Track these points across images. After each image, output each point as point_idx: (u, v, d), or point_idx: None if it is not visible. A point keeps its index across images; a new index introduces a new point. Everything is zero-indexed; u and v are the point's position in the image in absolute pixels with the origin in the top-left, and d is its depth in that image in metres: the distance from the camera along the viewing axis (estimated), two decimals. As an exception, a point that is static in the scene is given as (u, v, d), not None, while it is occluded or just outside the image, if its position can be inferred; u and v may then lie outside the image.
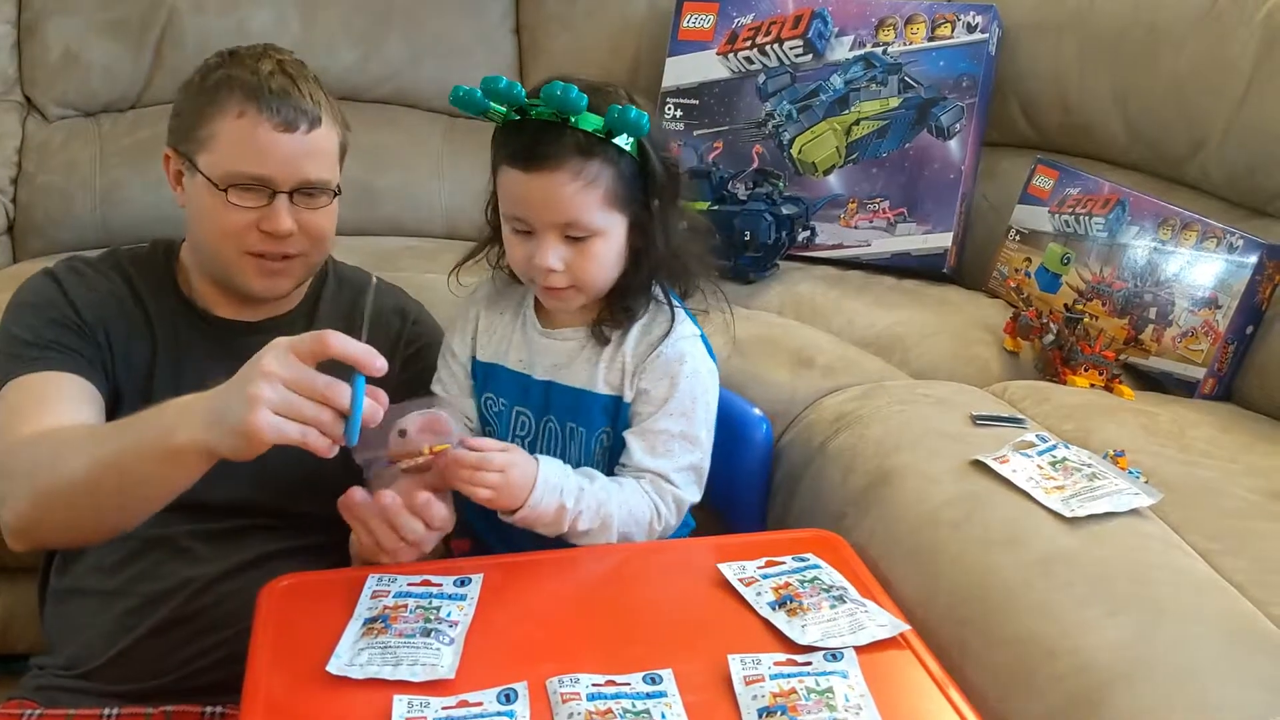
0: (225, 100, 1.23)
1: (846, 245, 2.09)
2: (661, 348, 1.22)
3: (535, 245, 1.17)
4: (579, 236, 1.16)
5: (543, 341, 1.26)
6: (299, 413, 0.95)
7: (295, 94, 1.24)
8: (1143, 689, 0.95)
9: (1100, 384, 1.63)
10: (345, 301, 1.41)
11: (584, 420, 1.24)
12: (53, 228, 2.07)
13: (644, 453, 1.21)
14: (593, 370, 1.24)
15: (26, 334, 1.23)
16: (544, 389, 1.25)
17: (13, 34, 2.14)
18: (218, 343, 1.31)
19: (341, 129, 1.30)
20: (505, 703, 0.92)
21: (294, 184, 1.24)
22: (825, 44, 2.12)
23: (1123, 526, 1.15)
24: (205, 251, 1.29)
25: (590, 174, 1.14)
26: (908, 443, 1.36)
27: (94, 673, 1.22)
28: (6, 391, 1.20)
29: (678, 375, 1.22)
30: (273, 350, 0.97)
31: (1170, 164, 1.91)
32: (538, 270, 1.18)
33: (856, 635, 1.01)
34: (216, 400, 0.99)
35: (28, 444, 1.12)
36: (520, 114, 1.15)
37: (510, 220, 1.19)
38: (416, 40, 2.29)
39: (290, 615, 1.06)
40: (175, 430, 1.00)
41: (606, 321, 1.24)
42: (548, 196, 1.14)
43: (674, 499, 1.22)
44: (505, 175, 1.17)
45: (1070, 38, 2.04)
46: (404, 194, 2.20)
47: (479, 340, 1.29)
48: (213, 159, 1.24)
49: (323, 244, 1.31)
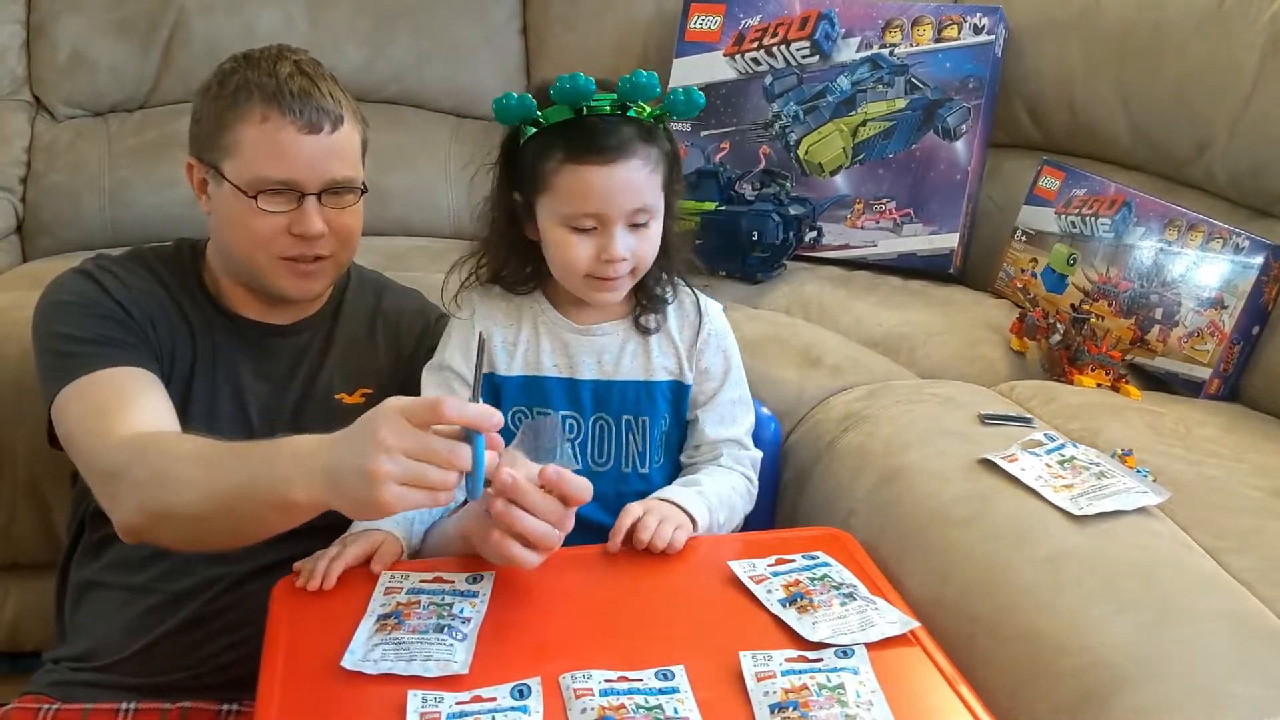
0: (246, 106, 1.22)
1: (853, 246, 2.09)
2: (708, 325, 1.29)
3: (604, 239, 1.18)
4: (641, 222, 1.19)
5: (583, 341, 1.26)
6: (424, 480, 0.93)
7: (316, 94, 1.23)
8: (1151, 685, 0.95)
9: (1106, 384, 1.63)
10: (367, 302, 1.41)
11: (648, 410, 1.27)
12: (61, 227, 2.08)
13: (716, 425, 1.29)
14: (648, 361, 1.27)
15: (78, 331, 1.21)
16: (593, 389, 1.26)
17: (21, 34, 2.15)
18: (248, 344, 1.32)
19: (362, 125, 1.31)
20: (519, 698, 0.92)
21: (322, 185, 1.24)
22: (832, 45, 2.13)
23: (1131, 525, 1.16)
24: (236, 258, 1.29)
25: (654, 158, 1.18)
26: (916, 441, 1.37)
27: (113, 666, 1.22)
28: (74, 391, 1.17)
29: (729, 348, 1.31)
30: (386, 420, 0.93)
31: (1176, 165, 1.92)
32: (605, 263, 1.18)
33: (867, 632, 1.02)
34: (332, 460, 0.96)
35: (132, 450, 1.10)
36: (576, 112, 1.16)
37: (577, 219, 1.18)
38: (423, 41, 2.30)
39: (304, 612, 1.06)
40: (292, 485, 0.98)
41: (644, 311, 1.27)
42: (627, 184, 1.16)
43: (751, 462, 1.31)
44: (571, 174, 1.16)
45: (1076, 39, 2.04)
46: (412, 194, 2.21)
47: (495, 357, 1.26)
48: (238, 166, 1.23)
49: (352, 243, 1.31)
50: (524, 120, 1.18)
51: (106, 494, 1.11)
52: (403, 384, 1.35)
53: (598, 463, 1.28)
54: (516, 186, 1.22)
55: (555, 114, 1.17)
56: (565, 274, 1.22)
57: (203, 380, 1.28)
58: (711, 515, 1.22)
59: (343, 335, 1.37)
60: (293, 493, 0.98)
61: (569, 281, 1.23)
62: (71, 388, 1.17)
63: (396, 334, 1.40)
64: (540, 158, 1.18)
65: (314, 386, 1.33)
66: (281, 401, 1.31)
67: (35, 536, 1.65)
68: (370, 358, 1.37)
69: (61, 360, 1.20)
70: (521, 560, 1.04)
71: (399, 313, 1.41)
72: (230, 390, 1.30)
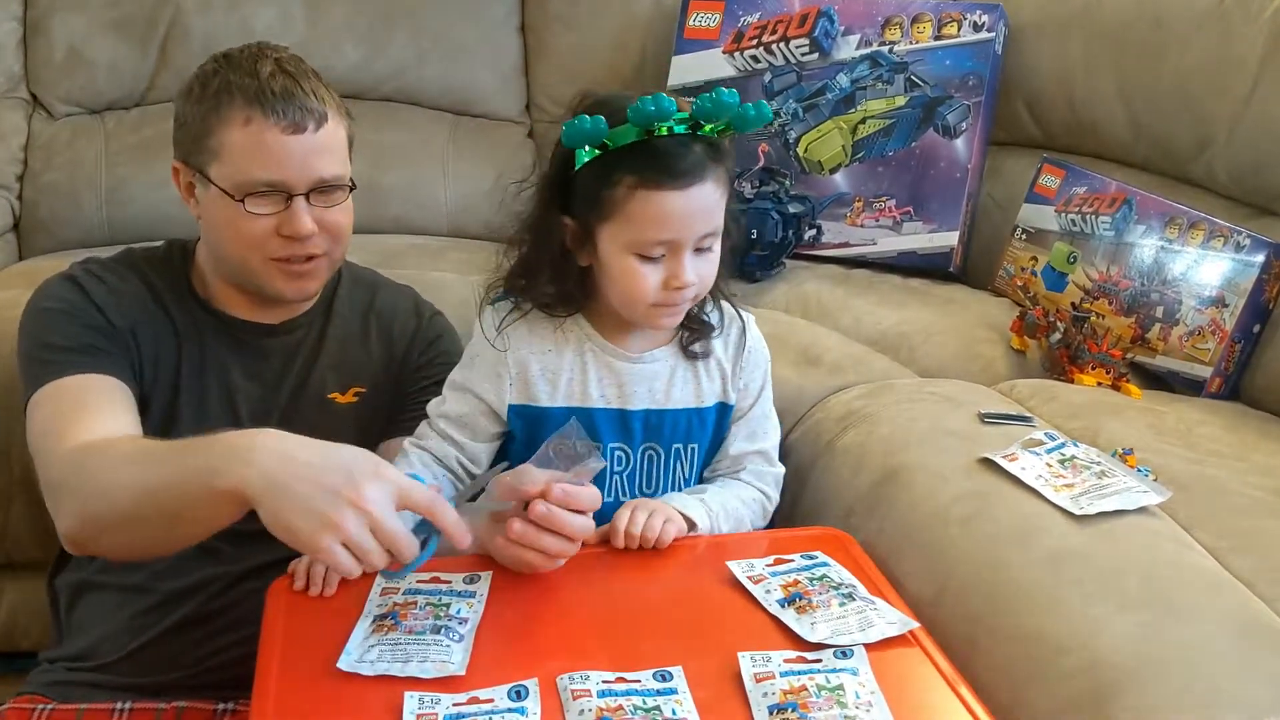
0: (229, 108, 1.21)
1: (852, 244, 2.09)
2: (749, 343, 1.27)
3: (673, 265, 1.12)
4: (707, 246, 1.15)
5: (635, 369, 1.22)
6: (366, 557, 0.92)
7: (299, 93, 1.22)
8: (1152, 685, 0.95)
9: (1107, 383, 1.62)
10: (360, 300, 1.40)
11: (698, 437, 1.26)
12: (58, 225, 2.07)
13: (745, 440, 1.28)
14: (698, 386, 1.24)
15: (56, 338, 1.21)
16: (644, 419, 1.23)
17: (18, 31, 2.14)
18: (238, 344, 1.31)
19: (347, 120, 1.29)
20: (516, 699, 0.92)
21: (309, 184, 1.23)
22: (831, 43, 2.12)
23: (1132, 524, 1.15)
24: (229, 261, 1.28)
25: (723, 178, 1.14)
26: (915, 440, 1.36)
27: (108, 666, 1.22)
28: (42, 397, 1.17)
29: (765, 365, 1.30)
30: (375, 484, 0.92)
31: (1176, 162, 1.91)
32: (674, 290, 1.13)
33: (866, 633, 1.01)
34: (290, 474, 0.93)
35: (74, 460, 1.09)
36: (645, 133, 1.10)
37: (647, 246, 1.12)
38: (421, 39, 2.29)
39: (300, 612, 1.05)
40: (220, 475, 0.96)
41: (693, 338, 1.24)
42: (702, 208, 1.11)
43: (774, 479, 1.31)
44: (644, 201, 1.10)
45: (1076, 37, 2.04)
46: (409, 192, 2.20)
47: (535, 388, 1.21)
48: (224, 169, 1.22)
49: (343, 240, 1.30)
50: (594, 143, 1.10)
51: (52, 505, 1.11)
52: (396, 383, 1.35)
53: (645, 493, 1.26)
54: (569, 211, 1.16)
55: (623, 135, 1.09)
56: (628, 302, 1.16)
57: (191, 383, 1.28)
58: (712, 521, 1.20)
59: (335, 334, 1.36)
60: (219, 482, 0.95)
61: (631, 310, 1.17)
62: (40, 393, 1.18)
63: (390, 333, 1.39)
64: (605, 182, 1.11)
65: (306, 386, 1.32)
66: (273, 401, 1.31)
67: (31, 535, 1.65)
68: (363, 357, 1.36)
69: (37, 366, 1.20)
70: (539, 567, 1.07)
71: (392, 311, 1.41)
72: (220, 391, 1.29)
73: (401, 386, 1.36)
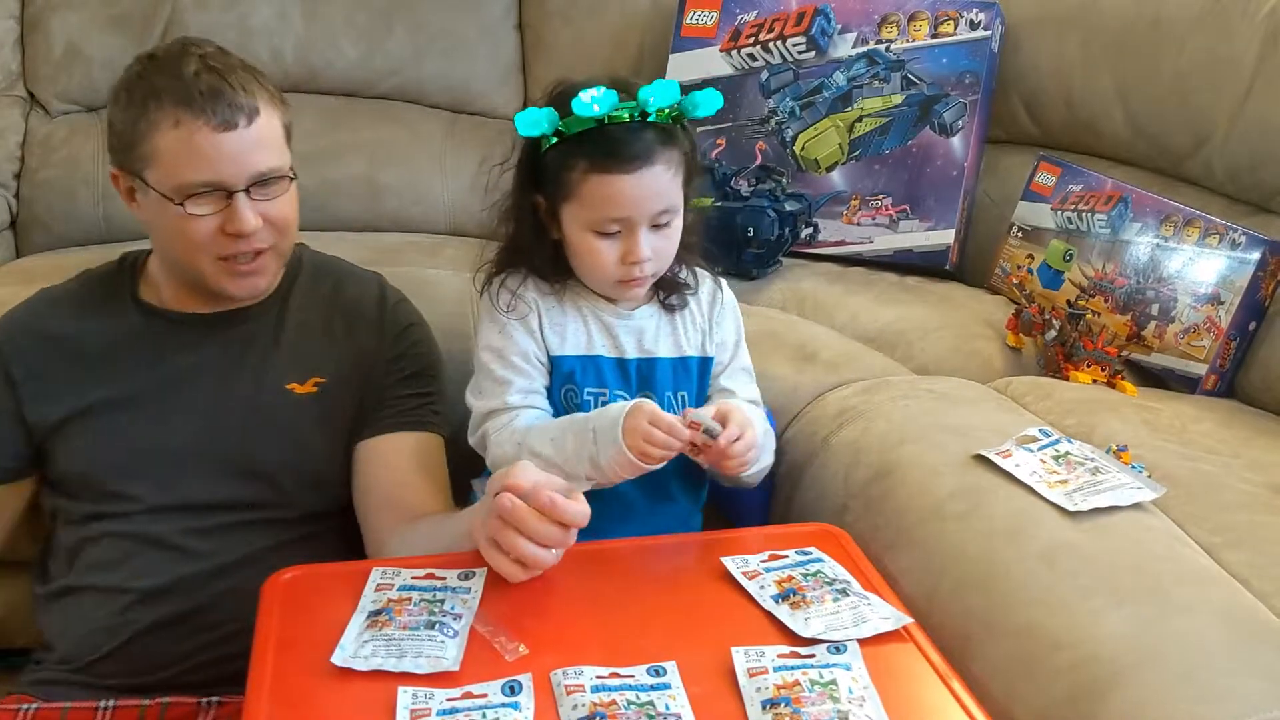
0: (157, 113, 1.19)
1: (849, 242, 2.09)
2: (721, 296, 1.34)
3: (629, 241, 1.20)
4: (664, 222, 1.21)
5: (625, 324, 1.28)
6: None
7: (227, 90, 1.20)
8: (1146, 680, 0.95)
9: (1103, 380, 1.63)
10: (323, 291, 1.39)
11: (686, 385, 1.30)
12: (55, 222, 2.06)
13: (728, 395, 1.31)
14: (681, 337, 1.30)
15: None
16: (638, 367, 1.28)
17: (16, 29, 2.14)
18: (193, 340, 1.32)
19: (282, 108, 1.28)
20: (510, 694, 0.92)
21: (247, 180, 1.22)
22: (828, 41, 2.12)
23: (1126, 520, 1.15)
24: (178, 264, 1.28)
25: (675, 160, 1.20)
26: (911, 437, 1.36)
27: (92, 666, 1.22)
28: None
29: (737, 317, 1.36)
30: None
31: (1173, 160, 1.91)
32: (630, 265, 1.20)
33: (860, 628, 1.02)
34: None
35: None
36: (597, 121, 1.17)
37: (602, 224, 1.19)
38: (419, 36, 2.29)
39: (294, 607, 1.05)
40: None
41: (669, 294, 1.30)
42: (653, 190, 1.19)
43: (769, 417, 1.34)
44: (597, 183, 1.18)
45: (1073, 34, 2.04)
46: (407, 189, 2.20)
47: (547, 338, 1.26)
48: (160, 174, 1.21)
49: (290, 231, 1.29)
50: (546, 131, 1.19)
51: None
52: (365, 376, 1.34)
53: None
54: (539, 191, 1.23)
55: (577, 124, 1.17)
56: (591, 276, 1.25)
57: (145, 388, 1.28)
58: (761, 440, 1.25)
59: (292, 323, 1.35)
60: None
61: (595, 283, 1.26)
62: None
63: (356, 324, 1.38)
64: (563, 166, 1.19)
65: (264, 375, 1.31)
66: (231, 392, 1.30)
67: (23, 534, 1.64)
68: (325, 346, 1.35)
69: None
70: (507, 574, 1.06)
71: (356, 300, 1.39)
72: (178, 388, 1.29)
73: (373, 379, 1.34)
